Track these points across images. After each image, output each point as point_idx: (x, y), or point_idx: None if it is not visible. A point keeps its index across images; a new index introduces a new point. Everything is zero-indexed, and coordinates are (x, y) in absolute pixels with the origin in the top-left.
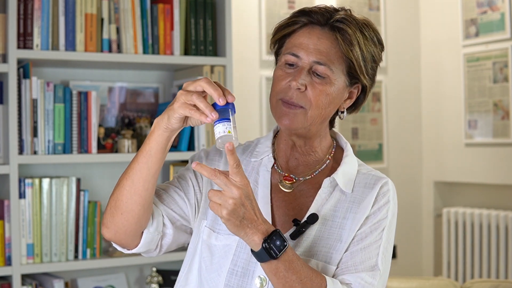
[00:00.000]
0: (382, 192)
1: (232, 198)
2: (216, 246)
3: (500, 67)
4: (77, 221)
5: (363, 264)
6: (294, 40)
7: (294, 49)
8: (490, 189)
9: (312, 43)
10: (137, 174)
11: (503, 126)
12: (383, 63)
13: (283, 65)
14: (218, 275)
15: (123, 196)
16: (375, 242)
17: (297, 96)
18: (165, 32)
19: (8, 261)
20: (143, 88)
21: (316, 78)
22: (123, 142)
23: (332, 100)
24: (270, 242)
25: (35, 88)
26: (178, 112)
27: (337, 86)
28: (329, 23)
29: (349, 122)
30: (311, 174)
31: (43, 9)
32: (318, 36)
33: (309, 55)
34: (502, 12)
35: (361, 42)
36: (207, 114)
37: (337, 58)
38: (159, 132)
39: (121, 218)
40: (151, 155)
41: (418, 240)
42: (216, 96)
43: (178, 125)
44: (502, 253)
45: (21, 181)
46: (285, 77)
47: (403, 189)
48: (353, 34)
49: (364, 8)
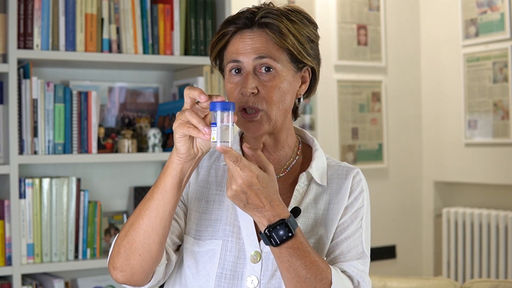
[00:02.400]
0: (355, 182)
1: (235, 185)
2: (199, 253)
3: (500, 67)
4: (77, 221)
5: (350, 252)
6: (230, 49)
7: (233, 56)
8: (490, 189)
9: (247, 44)
10: (154, 212)
11: (503, 126)
12: (383, 63)
13: (229, 76)
14: (206, 281)
15: (140, 236)
16: (357, 231)
17: (253, 100)
18: (165, 32)
19: (8, 261)
20: (143, 88)
21: (264, 77)
22: (123, 142)
23: (286, 92)
24: (272, 230)
25: (35, 88)
26: (177, 132)
27: (286, 77)
28: (255, 23)
29: (349, 122)
30: (284, 171)
31: (43, 9)
32: (250, 37)
33: (248, 55)
34: (502, 12)
35: (291, 28)
36: (200, 130)
37: (275, 50)
38: (172, 166)
39: (139, 259)
40: (167, 191)
41: (418, 240)
42: (196, 94)
43: (185, 149)
44: (502, 253)
45: (21, 181)
46: (235, 88)
47: (403, 189)
48: (281, 24)
49: (364, 8)
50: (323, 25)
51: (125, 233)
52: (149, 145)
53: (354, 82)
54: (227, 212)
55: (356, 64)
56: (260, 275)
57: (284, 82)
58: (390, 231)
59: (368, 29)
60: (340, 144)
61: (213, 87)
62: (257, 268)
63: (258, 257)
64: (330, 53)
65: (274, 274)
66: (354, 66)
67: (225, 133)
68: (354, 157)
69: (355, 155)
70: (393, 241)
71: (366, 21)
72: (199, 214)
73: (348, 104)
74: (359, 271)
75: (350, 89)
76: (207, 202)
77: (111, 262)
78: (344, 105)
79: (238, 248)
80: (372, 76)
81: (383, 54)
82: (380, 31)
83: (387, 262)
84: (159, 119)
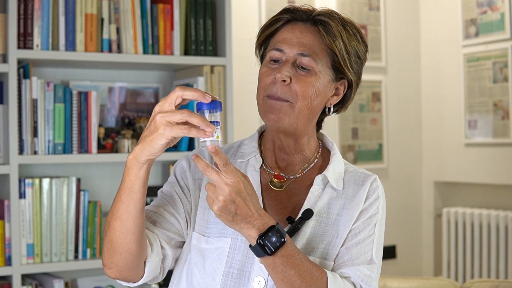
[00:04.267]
0: (372, 189)
1: (222, 195)
2: (207, 250)
3: (500, 67)
4: (77, 221)
5: (359, 258)
6: (277, 37)
7: (277, 45)
8: (490, 189)
9: (295, 36)
10: (124, 213)
11: (503, 126)
12: (383, 63)
13: (268, 62)
14: (213, 278)
15: (116, 237)
16: (369, 237)
17: (283, 90)
18: (165, 32)
19: (8, 261)
20: (143, 88)
21: (301, 71)
22: (123, 142)
23: (318, 93)
24: (265, 238)
25: (35, 88)
26: (165, 136)
27: (322, 79)
28: (311, 18)
29: (349, 122)
30: (301, 172)
31: (43, 9)
32: (300, 30)
33: (293, 48)
34: (502, 12)
35: (343, 35)
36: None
37: (321, 51)
38: (138, 166)
39: (120, 257)
40: (135, 192)
41: (418, 240)
42: (199, 95)
43: (161, 151)
44: (502, 253)
45: (21, 181)
46: (270, 73)
47: (403, 189)
48: (336, 27)
49: (364, 8)
50: None
51: (105, 233)
52: None
53: None
54: None
55: None
56: (268, 276)
57: (318, 83)
58: (390, 231)
59: (368, 29)
60: (340, 144)
61: (213, 87)
62: (265, 269)
63: None
64: None
65: None
66: None
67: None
68: (354, 157)
69: (355, 155)
70: (393, 241)
71: (366, 21)
72: (208, 211)
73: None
74: (365, 276)
75: None
76: None
77: (102, 259)
78: None
79: (247, 247)
80: (372, 76)
81: (383, 54)
82: (380, 31)
83: (387, 262)
84: None
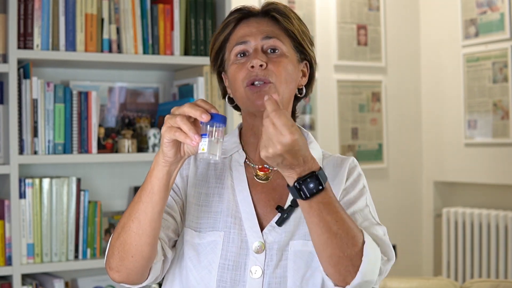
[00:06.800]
0: (351, 167)
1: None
2: (201, 244)
3: (499, 67)
4: (77, 221)
5: (365, 222)
6: (234, 36)
7: (239, 39)
8: (490, 189)
9: (253, 27)
10: (142, 214)
11: (503, 126)
12: (383, 63)
13: (235, 59)
14: (209, 272)
15: (131, 238)
16: (364, 208)
17: (262, 73)
18: (165, 32)
19: (9, 261)
20: (143, 88)
21: (272, 55)
22: (123, 142)
23: (292, 75)
24: (302, 183)
25: (35, 88)
26: (165, 136)
27: (292, 61)
28: (261, 12)
29: (349, 122)
30: None
31: (43, 9)
32: (256, 22)
33: (256, 36)
34: (501, 12)
35: (295, 16)
36: (191, 137)
37: (281, 34)
38: (158, 168)
39: (132, 260)
40: (154, 193)
41: (418, 240)
42: (198, 114)
43: (172, 153)
44: (502, 253)
45: (21, 181)
46: (243, 66)
47: (403, 189)
48: (285, 9)
49: (364, 8)
50: (323, 25)
51: (118, 235)
52: (149, 145)
53: (354, 82)
54: (228, 204)
55: (356, 64)
56: (264, 265)
57: (289, 65)
58: (390, 231)
59: (368, 29)
60: (340, 144)
61: (213, 87)
62: (261, 258)
63: (262, 248)
64: (330, 53)
65: (279, 264)
66: (354, 66)
67: (215, 146)
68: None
69: (355, 155)
70: (393, 241)
71: (366, 21)
72: (199, 207)
73: (348, 104)
74: (381, 235)
75: (350, 89)
76: (206, 195)
77: (107, 262)
78: (344, 105)
79: (241, 239)
80: (372, 76)
81: (383, 54)
82: (380, 31)
83: None
84: (159, 119)
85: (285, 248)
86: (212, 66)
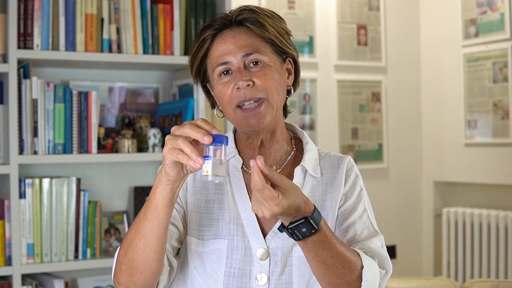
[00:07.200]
0: (348, 168)
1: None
2: (205, 253)
3: (500, 67)
4: (77, 221)
5: (363, 233)
6: (213, 54)
7: (219, 59)
8: (490, 189)
9: (230, 44)
10: (149, 232)
11: (503, 126)
12: (383, 63)
13: (219, 79)
14: (215, 280)
15: (138, 256)
16: (363, 213)
17: (251, 92)
18: (165, 32)
19: (8, 261)
20: (143, 88)
21: (255, 69)
22: (123, 142)
23: (279, 82)
24: (294, 228)
25: (35, 88)
26: (167, 158)
27: (275, 68)
28: (233, 22)
29: (349, 122)
30: (280, 167)
31: (43, 9)
32: (231, 36)
33: (235, 54)
34: (502, 12)
35: (268, 20)
36: (194, 160)
37: (259, 43)
38: (161, 186)
39: (141, 276)
40: (159, 211)
41: (418, 240)
42: (200, 137)
43: (175, 173)
44: (502, 253)
45: (21, 181)
46: (228, 85)
47: (403, 189)
48: (258, 16)
49: (364, 8)
50: (323, 25)
51: (125, 251)
52: (149, 145)
53: (354, 82)
54: (228, 211)
55: (356, 64)
56: (269, 271)
57: (275, 73)
58: (390, 231)
59: (368, 29)
60: (340, 144)
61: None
62: (265, 265)
63: (266, 254)
64: (330, 53)
65: (284, 270)
66: (354, 66)
67: (218, 167)
68: (354, 157)
69: (355, 155)
70: (393, 241)
71: (366, 21)
72: (200, 215)
73: (348, 104)
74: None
75: (350, 89)
76: (207, 202)
77: (115, 278)
78: (344, 105)
79: (244, 246)
80: (372, 76)
81: (383, 54)
82: (380, 31)
83: None
84: (159, 119)
85: (289, 254)
86: (195, 82)
